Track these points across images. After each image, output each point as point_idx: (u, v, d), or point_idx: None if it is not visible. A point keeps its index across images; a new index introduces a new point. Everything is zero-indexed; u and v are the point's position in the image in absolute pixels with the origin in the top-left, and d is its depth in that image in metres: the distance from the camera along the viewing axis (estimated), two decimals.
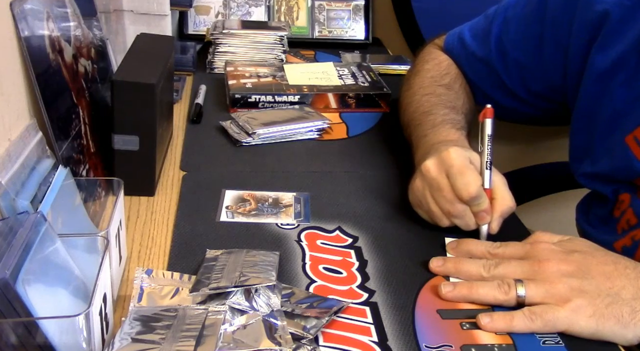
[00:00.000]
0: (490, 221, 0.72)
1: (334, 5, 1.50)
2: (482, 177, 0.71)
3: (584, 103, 0.81)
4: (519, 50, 0.89)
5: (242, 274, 0.61)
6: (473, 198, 0.70)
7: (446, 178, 0.71)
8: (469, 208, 0.71)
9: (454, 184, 0.71)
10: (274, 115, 1.03)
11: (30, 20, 0.66)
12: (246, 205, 0.80)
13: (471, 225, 0.72)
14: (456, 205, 0.71)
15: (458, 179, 0.70)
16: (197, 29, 1.45)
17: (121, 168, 0.79)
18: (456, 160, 0.71)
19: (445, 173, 0.72)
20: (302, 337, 0.56)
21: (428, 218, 0.76)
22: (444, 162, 0.72)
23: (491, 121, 0.74)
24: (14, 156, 0.60)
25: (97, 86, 0.86)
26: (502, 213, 0.72)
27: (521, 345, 0.59)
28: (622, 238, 0.77)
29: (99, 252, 0.57)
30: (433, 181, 0.73)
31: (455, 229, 0.74)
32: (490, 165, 0.72)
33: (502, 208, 0.72)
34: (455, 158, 0.71)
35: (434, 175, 0.72)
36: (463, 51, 0.98)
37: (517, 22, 0.90)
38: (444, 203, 0.72)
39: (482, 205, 0.71)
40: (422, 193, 0.74)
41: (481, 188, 0.70)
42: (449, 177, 0.71)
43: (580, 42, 0.80)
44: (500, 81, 0.93)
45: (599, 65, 0.77)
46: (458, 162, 0.71)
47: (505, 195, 0.73)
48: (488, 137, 0.73)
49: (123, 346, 0.51)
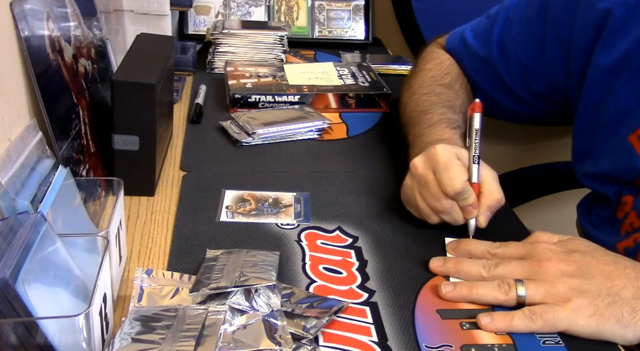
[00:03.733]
0: (477, 215, 0.71)
1: (334, 5, 1.50)
2: (470, 172, 0.72)
3: (587, 103, 0.81)
4: (521, 50, 0.89)
5: (242, 274, 0.61)
6: (458, 193, 0.70)
7: (433, 175, 0.72)
8: (455, 204, 0.71)
9: (439, 180, 0.71)
10: (274, 115, 1.03)
11: (30, 20, 0.66)
12: (246, 205, 0.80)
13: (459, 220, 0.72)
14: (442, 200, 0.71)
15: (443, 174, 0.70)
16: (197, 29, 1.45)
17: (121, 168, 0.79)
18: (442, 156, 0.71)
19: (432, 170, 0.72)
20: (302, 337, 0.56)
21: (417, 215, 0.76)
22: (431, 158, 0.73)
23: (479, 115, 0.74)
24: (14, 156, 0.60)
25: (97, 86, 0.86)
26: (490, 207, 0.72)
27: (521, 345, 0.59)
28: (625, 240, 0.77)
29: (99, 252, 0.57)
30: (420, 177, 0.73)
31: (455, 229, 0.74)
32: (478, 159, 0.72)
33: (489, 202, 0.72)
34: (442, 155, 0.72)
35: (421, 171, 0.73)
36: (465, 51, 0.98)
37: (519, 22, 0.89)
38: (430, 199, 0.72)
39: (468, 200, 0.70)
40: (412, 190, 0.75)
41: (466, 182, 0.70)
42: (435, 173, 0.72)
43: (583, 42, 0.80)
44: (501, 81, 0.93)
45: (602, 64, 0.77)
46: (444, 158, 0.71)
47: (493, 188, 0.72)
48: (476, 131, 0.74)
49: (123, 346, 0.51)
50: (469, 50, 0.97)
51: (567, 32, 0.82)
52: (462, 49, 0.98)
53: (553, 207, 1.60)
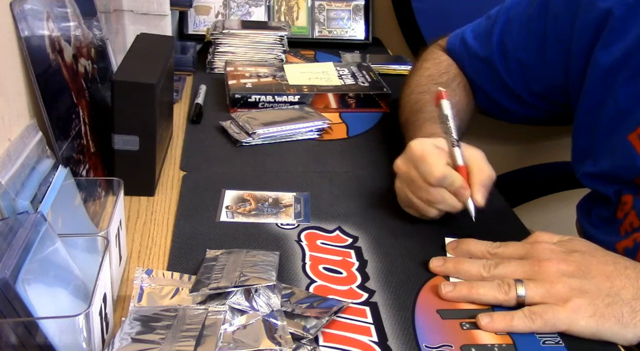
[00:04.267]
0: (472, 194, 0.71)
1: (334, 5, 1.50)
2: (453, 156, 0.72)
3: (587, 102, 0.81)
4: (521, 50, 0.89)
5: (242, 274, 0.61)
6: (440, 179, 0.70)
7: (415, 170, 0.73)
8: (445, 191, 0.71)
9: (421, 173, 0.72)
10: (274, 115, 1.03)
11: (30, 20, 0.66)
12: (246, 205, 0.80)
13: (456, 205, 0.72)
14: (431, 191, 0.72)
15: (421, 166, 0.71)
16: (197, 29, 1.45)
17: (121, 168, 0.79)
18: (417, 150, 0.73)
19: (413, 166, 0.73)
20: (302, 337, 0.56)
21: (418, 214, 0.76)
22: (408, 155, 0.74)
23: (446, 101, 0.76)
24: (14, 156, 0.60)
25: (97, 86, 0.86)
26: (482, 183, 0.72)
27: (521, 345, 0.59)
28: (625, 240, 0.77)
29: (99, 252, 0.57)
30: (405, 176, 0.74)
31: (455, 229, 0.74)
32: (458, 142, 0.73)
33: (480, 179, 0.71)
34: (417, 148, 0.73)
35: (404, 169, 0.74)
36: (465, 52, 0.98)
37: (520, 23, 0.90)
38: (420, 193, 0.73)
39: (454, 183, 0.71)
40: (403, 191, 0.76)
41: (446, 167, 0.71)
42: (417, 168, 0.72)
43: (583, 41, 0.80)
44: (501, 82, 0.93)
45: (602, 63, 0.77)
46: (419, 150, 0.73)
47: (481, 165, 0.73)
48: (446, 116, 0.75)
49: (123, 346, 0.51)
50: (469, 50, 0.97)
51: (567, 30, 0.82)
52: (462, 50, 0.99)
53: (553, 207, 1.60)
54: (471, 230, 0.74)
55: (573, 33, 0.81)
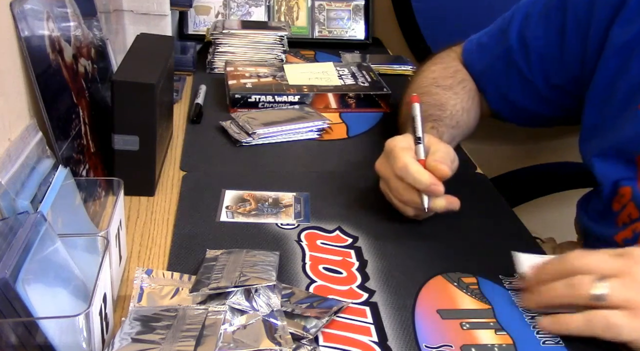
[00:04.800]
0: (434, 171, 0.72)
1: (334, 5, 1.50)
2: (417, 152, 0.75)
3: (602, 78, 0.82)
4: (541, 41, 0.90)
5: (242, 274, 0.61)
6: (400, 169, 0.73)
7: (390, 168, 0.75)
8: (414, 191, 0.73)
9: (390, 166, 0.75)
10: (274, 115, 1.03)
11: (30, 20, 0.66)
12: (246, 205, 0.80)
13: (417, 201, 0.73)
14: (400, 189, 0.74)
15: (390, 161, 0.75)
16: (197, 29, 1.45)
17: (121, 168, 0.79)
18: (388, 146, 0.76)
19: (388, 164, 0.76)
20: (302, 337, 0.56)
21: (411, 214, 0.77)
22: (384, 153, 0.77)
23: (417, 105, 0.80)
24: (14, 156, 0.60)
25: (97, 86, 0.86)
26: (440, 158, 0.73)
27: (521, 345, 0.59)
28: (623, 231, 0.78)
29: (99, 252, 0.57)
30: (383, 175, 0.77)
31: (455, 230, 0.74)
32: (421, 140, 0.76)
33: (436, 156, 0.74)
34: (388, 145, 0.77)
35: (381, 168, 0.77)
36: (480, 53, 0.98)
37: (538, 15, 0.91)
38: (396, 193, 0.75)
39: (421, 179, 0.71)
40: (384, 191, 0.78)
41: (409, 159, 0.73)
42: (389, 165, 0.75)
43: (601, 18, 0.81)
44: (518, 74, 0.93)
45: (618, 40, 0.78)
46: (390, 146, 0.76)
47: (437, 145, 0.76)
48: (413, 117, 0.79)
49: (123, 346, 0.51)
50: (485, 50, 0.97)
51: (586, 14, 0.83)
52: (477, 51, 0.99)
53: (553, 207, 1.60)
54: (471, 231, 0.74)
55: (592, 14, 0.82)
